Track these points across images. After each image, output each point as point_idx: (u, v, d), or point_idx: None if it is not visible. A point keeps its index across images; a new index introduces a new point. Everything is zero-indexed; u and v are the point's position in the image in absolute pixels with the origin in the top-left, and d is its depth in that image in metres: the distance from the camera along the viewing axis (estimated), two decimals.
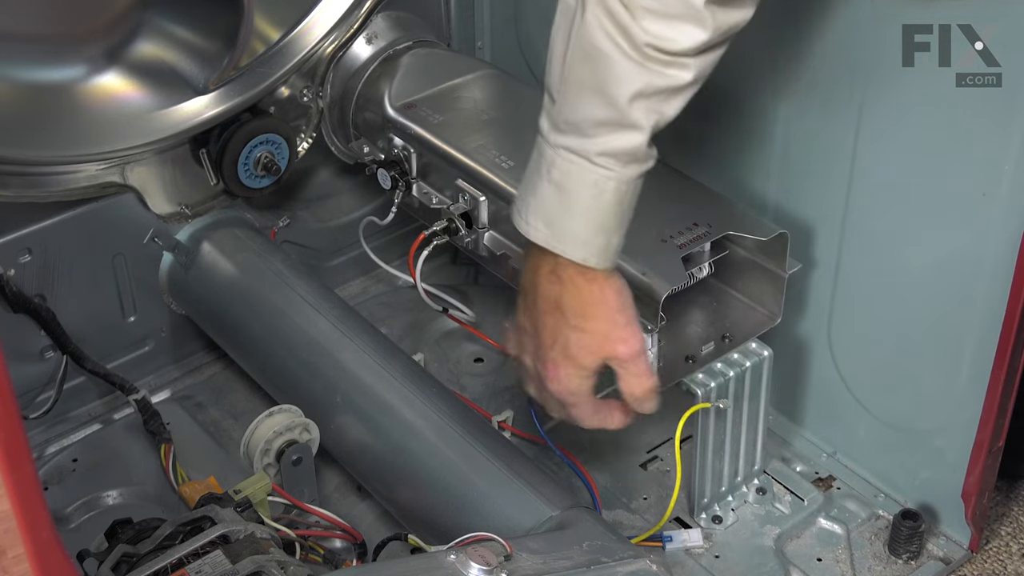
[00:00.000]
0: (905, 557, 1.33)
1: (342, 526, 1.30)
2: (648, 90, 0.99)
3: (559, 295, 1.09)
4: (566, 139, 1.03)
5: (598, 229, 1.05)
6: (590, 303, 1.08)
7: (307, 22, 1.47)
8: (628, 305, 1.10)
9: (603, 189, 1.03)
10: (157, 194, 1.46)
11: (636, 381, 1.12)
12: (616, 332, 1.10)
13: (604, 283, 1.08)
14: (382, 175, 1.46)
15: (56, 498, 1.35)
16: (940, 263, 1.22)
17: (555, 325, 1.10)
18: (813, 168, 1.30)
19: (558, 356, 1.11)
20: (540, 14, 1.57)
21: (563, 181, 1.04)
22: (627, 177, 1.03)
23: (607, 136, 1.01)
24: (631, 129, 1.01)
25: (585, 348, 1.10)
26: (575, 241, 1.05)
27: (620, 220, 1.06)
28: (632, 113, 1.00)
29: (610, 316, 1.09)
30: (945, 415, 1.28)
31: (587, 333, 1.09)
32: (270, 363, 1.43)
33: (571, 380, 1.12)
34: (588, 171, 1.03)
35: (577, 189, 1.03)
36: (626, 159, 1.02)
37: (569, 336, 1.10)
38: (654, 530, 1.32)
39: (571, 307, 1.09)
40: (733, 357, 1.29)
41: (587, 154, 1.02)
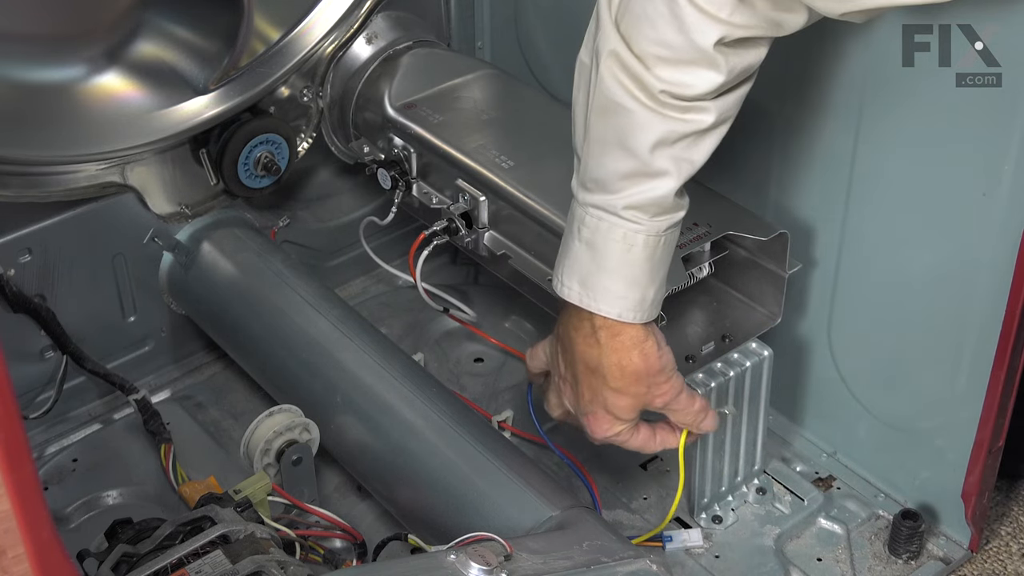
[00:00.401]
0: (905, 557, 1.33)
1: (342, 526, 1.30)
2: (670, 137, 0.99)
3: (598, 359, 1.09)
4: (593, 197, 1.03)
5: (631, 284, 1.05)
6: (631, 371, 1.09)
7: (307, 22, 1.47)
8: (667, 362, 1.11)
9: (632, 243, 1.03)
10: (157, 194, 1.46)
11: (682, 415, 1.15)
12: (656, 389, 1.11)
13: (643, 346, 1.08)
14: (382, 175, 1.46)
15: (56, 498, 1.35)
16: (940, 263, 1.22)
17: (595, 386, 1.11)
18: (813, 168, 1.30)
19: (599, 410, 1.13)
20: (540, 14, 1.57)
21: (592, 238, 1.04)
22: (656, 229, 1.03)
23: (633, 188, 1.01)
24: (656, 178, 1.01)
25: (624, 407, 1.12)
26: (609, 297, 1.06)
27: (653, 273, 1.06)
28: (655, 162, 1.00)
29: (649, 378, 1.10)
30: (945, 415, 1.28)
31: (625, 395, 1.11)
32: (270, 363, 1.43)
33: (612, 429, 1.14)
34: (616, 226, 1.03)
35: (606, 245, 1.04)
36: (654, 211, 1.02)
37: (608, 397, 1.11)
38: (656, 531, 1.32)
39: (612, 373, 1.09)
40: (733, 357, 1.29)
41: (614, 209, 1.02)
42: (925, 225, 1.22)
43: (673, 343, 1.26)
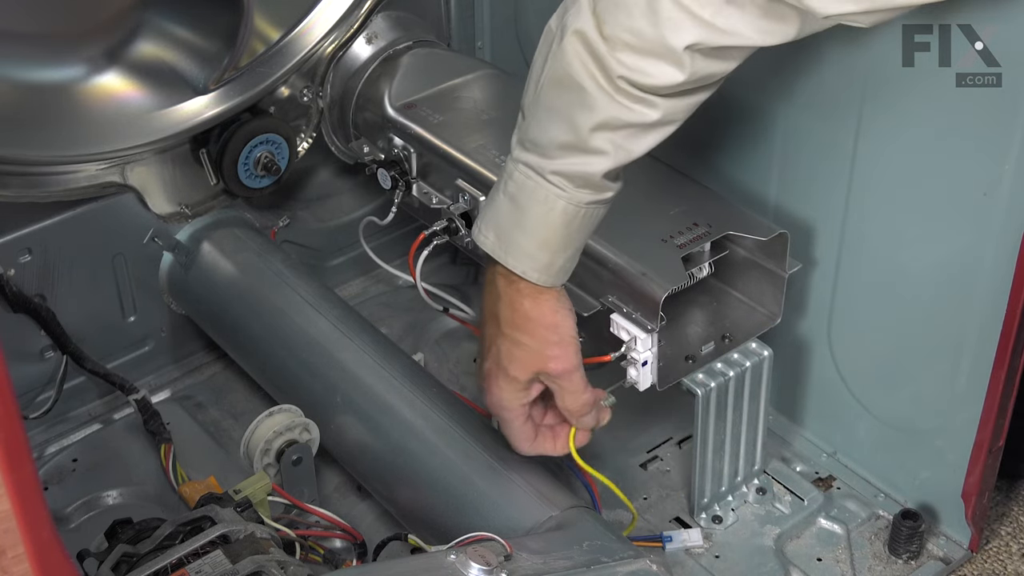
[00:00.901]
0: (905, 557, 1.33)
1: (342, 526, 1.30)
2: (613, 123, 1.01)
3: (495, 305, 1.11)
4: (527, 155, 1.05)
5: (542, 245, 1.07)
6: (521, 316, 1.09)
7: (307, 22, 1.47)
8: (565, 324, 1.11)
9: (552, 207, 1.05)
10: (157, 194, 1.46)
11: (571, 397, 1.13)
12: (548, 349, 1.10)
13: (539, 298, 1.09)
14: (382, 175, 1.46)
15: (56, 498, 1.35)
16: (940, 263, 1.22)
17: (492, 335, 1.12)
18: (813, 168, 1.30)
19: (492, 366, 1.12)
20: (540, 14, 1.56)
21: (517, 194, 1.06)
22: (578, 200, 1.05)
23: (566, 159, 1.03)
24: (591, 155, 1.02)
25: (517, 360, 1.11)
26: (519, 253, 1.07)
27: (566, 242, 1.07)
28: (593, 141, 1.01)
29: (541, 332, 1.10)
30: (945, 415, 1.28)
31: (519, 346, 1.10)
32: (270, 363, 1.43)
33: (503, 392, 1.12)
34: (541, 187, 1.04)
35: (528, 204, 1.05)
36: (579, 183, 1.04)
37: (502, 346, 1.11)
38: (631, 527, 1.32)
39: (505, 318, 1.10)
40: (733, 357, 1.29)
41: (542, 171, 1.04)
42: (925, 225, 1.22)
43: (673, 343, 1.27)
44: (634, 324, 1.20)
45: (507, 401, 1.13)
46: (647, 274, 1.19)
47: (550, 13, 1.03)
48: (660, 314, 1.18)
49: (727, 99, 1.33)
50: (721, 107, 1.34)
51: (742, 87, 1.31)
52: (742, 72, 1.06)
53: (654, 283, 1.18)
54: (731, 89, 1.21)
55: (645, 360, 1.20)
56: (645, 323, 1.19)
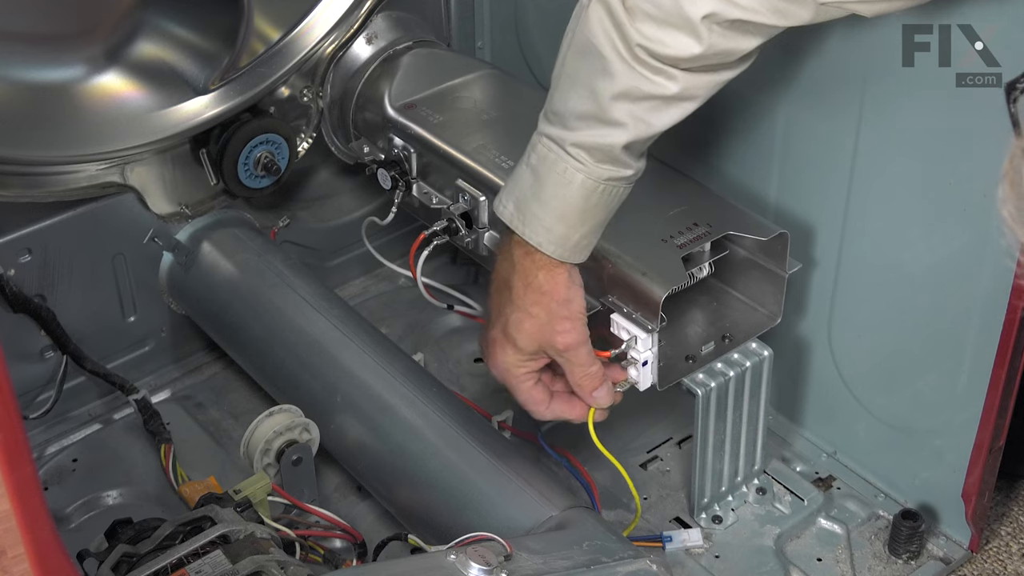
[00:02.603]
0: (905, 557, 1.33)
1: (342, 526, 1.30)
2: (634, 93, 1.01)
3: (509, 275, 1.12)
4: (550, 128, 1.06)
5: (559, 218, 1.07)
6: (535, 288, 1.11)
7: (307, 22, 1.47)
8: (576, 299, 1.12)
9: (570, 180, 1.05)
10: (157, 194, 1.46)
11: (579, 370, 1.14)
12: (557, 323, 1.12)
13: (553, 271, 1.10)
14: (382, 175, 1.46)
15: (56, 498, 1.35)
16: (940, 263, 1.22)
17: (501, 303, 1.13)
18: (813, 168, 1.30)
19: (499, 334, 1.14)
20: (540, 14, 1.57)
21: (538, 166, 1.07)
22: (597, 175, 1.05)
23: (586, 130, 1.03)
24: (610, 126, 1.03)
25: (524, 331, 1.12)
26: (536, 225, 1.08)
27: (584, 217, 1.07)
28: (613, 111, 1.02)
29: (552, 306, 1.11)
30: (945, 415, 1.28)
31: (527, 316, 1.11)
32: (270, 363, 1.43)
33: (508, 359, 1.14)
34: (561, 159, 1.05)
35: (547, 175, 1.06)
36: (599, 156, 1.04)
37: (510, 316, 1.12)
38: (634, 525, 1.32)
39: (517, 289, 1.11)
40: (733, 357, 1.29)
41: (563, 143, 1.05)
42: (925, 225, 1.22)
43: (673, 343, 1.27)
44: (634, 324, 1.20)
45: (512, 367, 1.15)
46: (647, 274, 1.19)
47: (550, 13, 1.04)
48: (660, 314, 1.18)
49: (727, 99, 1.33)
50: (721, 107, 1.34)
51: (743, 87, 1.31)
52: (743, 72, 1.06)
53: (654, 283, 1.18)
54: (732, 89, 1.21)
55: (645, 360, 1.20)
56: (645, 323, 1.19)
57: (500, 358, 1.15)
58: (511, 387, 1.17)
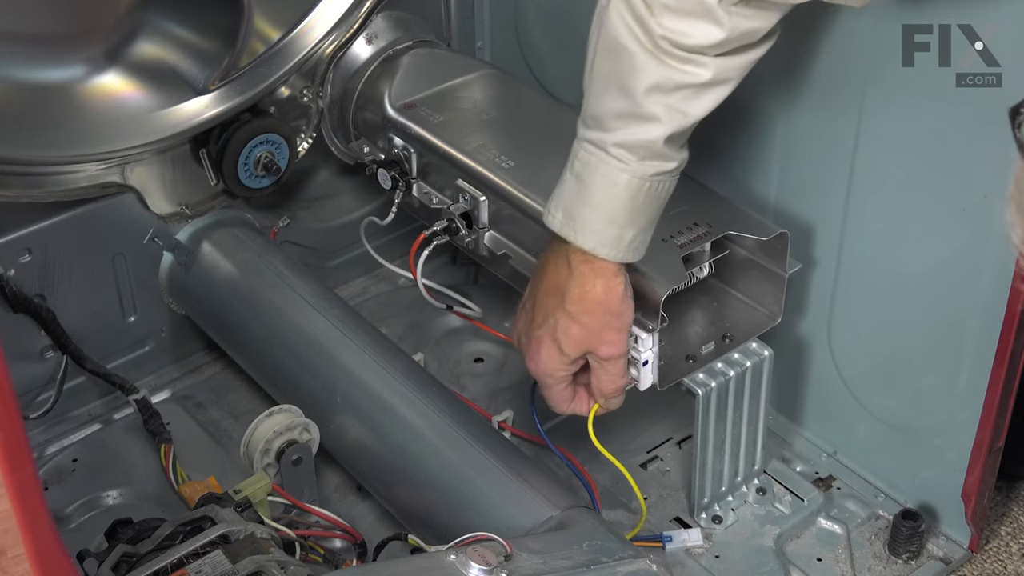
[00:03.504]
0: (905, 557, 1.33)
1: (342, 526, 1.30)
2: (666, 85, 1.01)
3: (564, 281, 1.11)
4: (590, 133, 1.06)
5: (610, 220, 1.07)
6: (591, 297, 1.10)
7: (307, 22, 1.47)
8: (627, 313, 1.13)
9: (615, 181, 1.05)
10: (157, 194, 1.46)
11: (609, 379, 1.16)
12: (606, 333, 1.12)
13: (611, 281, 1.10)
14: (382, 175, 1.46)
15: (56, 498, 1.35)
16: (940, 263, 1.22)
17: (551, 307, 1.13)
18: (813, 168, 1.30)
19: (544, 336, 1.14)
20: (540, 14, 1.57)
21: (582, 172, 1.07)
22: (642, 172, 1.05)
23: (624, 129, 1.03)
24: (647, 122, 1.02)
25: (572, 337, 1.13)
26: (587, 230, 1.08)
27: (634, 215, 1.07)
28: (648, 106, 1.02)
29: (605, 316, 1.11)
30: (945, 415, 1.28)
31: (578, 324, 1.12)
32: (270, 363, 1.43)
33: (550, 362, 1.15)
34: (604, 162, 1.05)
35: (592, 179, 1.06)
36: (642, 153, 1.04)
37: (560, 320, 1.12)
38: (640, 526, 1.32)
39: (572, 295, 1.11)
40: (733, 357, 1.29)
41: (604, 145, 1.04)
42: (925, 226, 1.22)
43: (673, 343, 1.27)
44: (634, 324, 1.19)
45: (553, 370, 1.16)
46: (647, 274, 1.19)
47: (550, 13, 1.04)
48: (661, 314, 1.18)
49: (728, 99, 1.33)
50: (722, 107, 1.33)
51: (743, 87, 1.31)
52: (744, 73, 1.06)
53: (654, 283, 1.18)
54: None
55: (646, 360, 1.20)
56: (646, 323, 1.19)
57: (544, 359, 1.15)
58: (545, 385, 1.18)
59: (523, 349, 1.17)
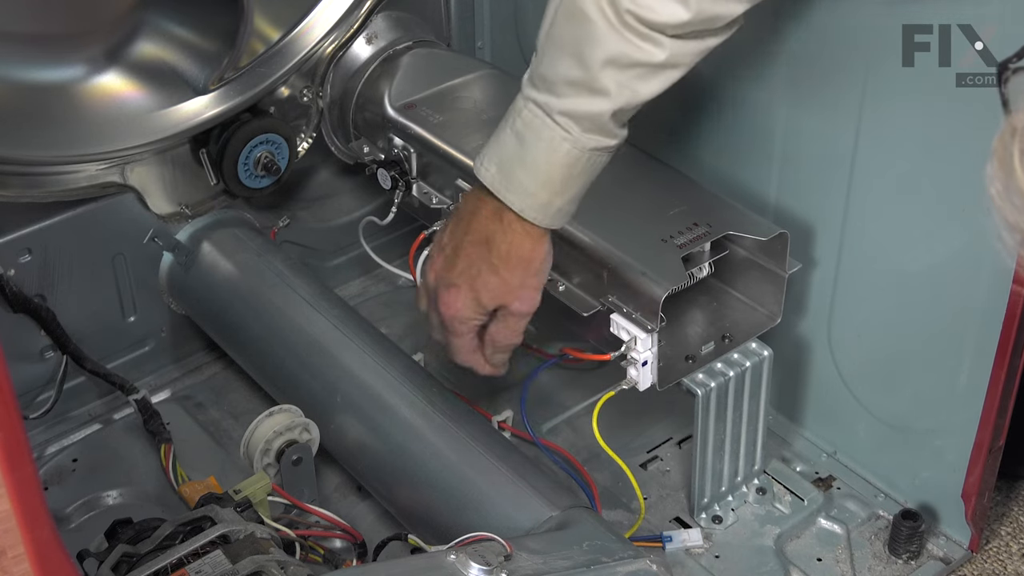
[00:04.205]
0: (905, 557, 1.33)
1: (342, 526, 1.30)
2: (622, 60, 1.01)
3: (493, 233, 1.13)
4: (537, 94, 1.06)
5: (543, 185, 1.08)
6: (516, 253, 1.13)
7: (307, 22, 1.47)
8: (545, 270, 1.15)
9: (556, 148, 1.06)
10: (157, 194, 1.46)
11: (507, 333, 1.19)
12: (523, 290, 1.15)
13: (538, 241, 1.12)
14: (382, 175, 1.46)
15: (56, 498, 1.35)
16: (940, 263, 1.22)
17: (476, 255, 1.14)
18: (813, 168, 1.30)
19: (463, 283, 1.16)
20: (540, 14, 1.56)
21: (523, 132, 1.07)
22: (583, 144, 1.05)
23: (574, 98, 1.04)
24: (598, 95, 1.03)
25: (490, 289, 1.15)
26: (520, 190, 1.09)
27: (567, 184, 1.08)
28: (601, 79, 1.02)
29: (525, 274, 1.14)
30: (945, 415, 1.28)
31: (499, 277, 1.14)
32: (270, 363, 1.43)
33: (464, 310, 1.17)
34: (547, 127, 1.05)
35: (533, 142, 1.07)
36: (586, 125, 1.04)
37: (482, 271, 1.14)
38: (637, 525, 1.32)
39: (499, 249, 1.13)
40: (733, 357, 1.28)
41: (550, 110, 1.05)
42: (925, 226, 1.22)
43: (673, 343, 1.27)
44: (634, 324, 1.20)
45: (465, 318, 1.18)
46: (647, 274, 1.19)
47: None
48: (660, 314, 1.18)
49: (727, 98, 1.33)
50: (721, 106, 1.34)
51: (742, 86, 1.31)
52: (742, 71, 1.06)
53: (654, 283, 1.18)
54: (731, 88, 1.21)
55: (645, 360, 1.20)
56: (645, 323, 1.19)
57: (456, 304, 1.17)
58: (454, 332, 1.20)
59: (437, 293, 1.18)
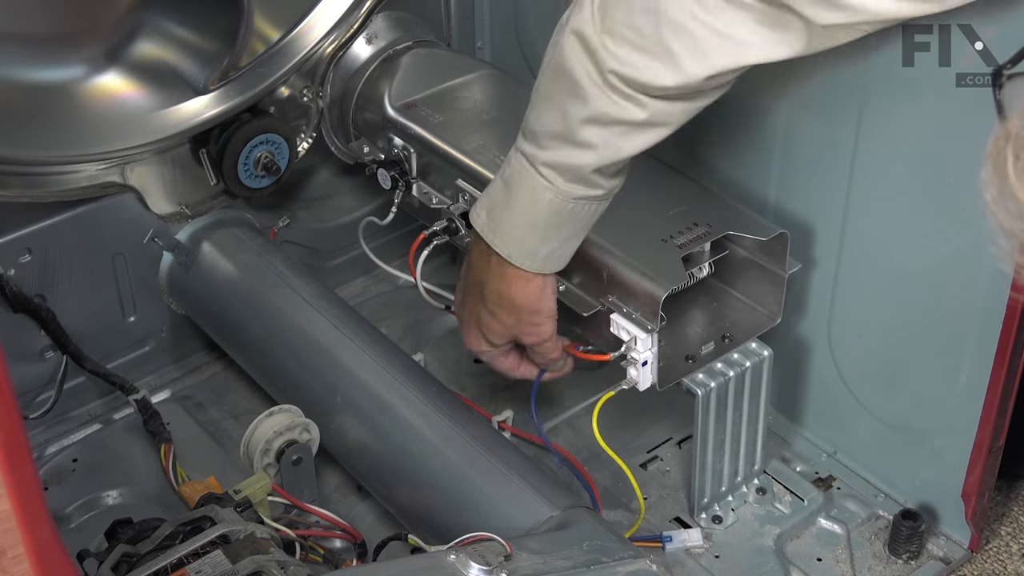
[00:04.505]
0: (905, 557, 1.33)
1: (342, 526, 1.30)
2: (603, 118, 1.03)
3: (484, 276, 1.17)
4: (525, 145, 1.09)
5: (528, 231, 1.11)
6: (507, 297, 1.16)
7: (307, 22, 1.47)
8: (546, 306, 1.18)
9: (539, 198, 1.08)
10: (157, 194, 1.46)
11: (541, 356, 1.25)
12: (525, 327, 1.19)
13: (528, 284, 1.15)
14: (382, 175, 1.46)
15: (56, 498, 1.35)
16: (940, 263, 1.22)
17: (473, 304, 1.22)
18: (813, 168, 1.30)
19: (470, 322, 1.22)
20: (540, 14, 1.57)
21: (511, 179, 1.10)
22: (567, 194, 1.08)
23: (557, 151, 1.06)
24: (580, 148, 1.05)
25: (494, 330, 1.20)
26: (506, 237, 1.12)
27: (553, 232, 1.11)
28: (582, 134, 1.04)
29: (524, 315, 1.18)
30: (945, 415, 1.28)
31: (498, 320, 1.19)
32: (270, 363, 1.43)
33: (480, 345, 1.25)
34: (531, 176, 1.08)
35: (519, 191, 1.10)
36: (569, 176, 1.07)
37: (481, 313, 1.20)
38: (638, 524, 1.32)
39: (491, 293, 1.17)
40: (733, 357, 1.29)
41: (534, 161, 1.08)
42: (925, 225, 1.22)
43: (673, 343, 1.27)
44: (634, 324, 1.20)
45: (483, 350, 1.26)
46: (647, 274, 1.19)
47: (550, 13, 1.04)
48: (660, 314, 1.18)
49: (728, 99, 1.33)
50: (721, 107, 1.33)
51: (742, 87, 1.31)
52: (743, 72, 1.06)
53: (654, 283, 1.18)
54: (732, 90, 1.21)
55: (645, 360, 1.20)
56: (645, 323, 1.19)
57: (472, 342, 1.25)
58: (485, 360, 1.27)
59: (460, 325, 1.26)
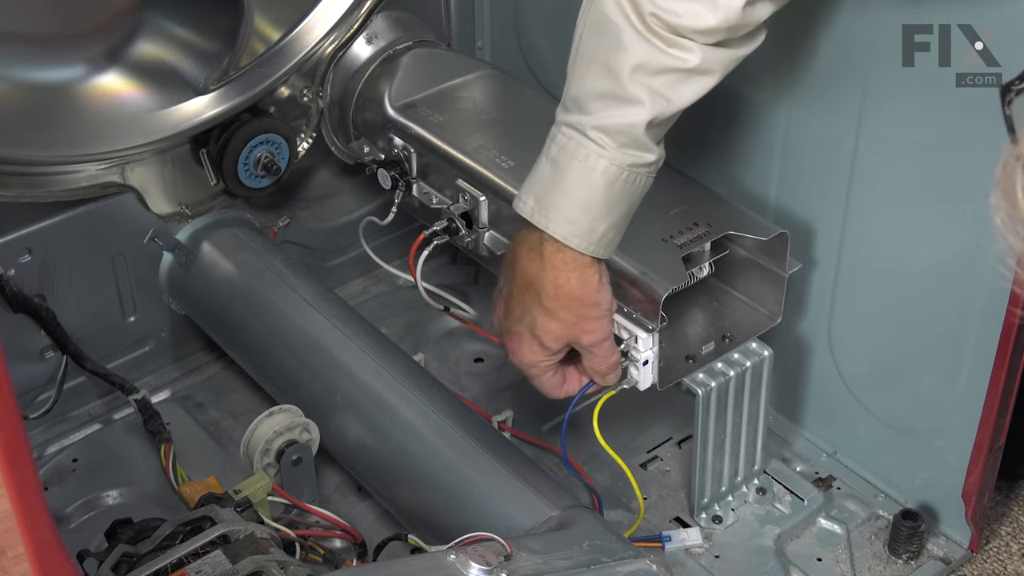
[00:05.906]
0: (905, 557, 1.33)
1: (342, 526, 1.30)
2: (652, 66, 0.99)
3: (538, 274, 1.08)
4: (569, 116, 1.03)
5: (583, 208, 1.03)
6: (566, 292, 1.07)
7: (307, 22, 1.47)
8: (605, 299, 1.10)
9: (592, 167, 1.02)
10: (157, 194, 1.46)
11: (599, 360, 1.14)
12: (585, 324, 1.10)
13: (584, 273, 1.07)
14: (382, 175, 1.46)
15: (56, 498, 1.35)
16: (940, 263, 1.22)
17: (528, 303, 1.10)
18: (813, 168, 1.30)
19: (524, 331, 1.11)
20: (540, 14, 1.57)
21: (558, 156, 1.04)
22: (620, 160, 1.02)
23: (605, 111, 1.01)
24: (629, 104, 1.00)
25: (551, 332, 1.10)
26: (559, 217, 1.04)
27: (609, 207, 1.04)
28: (631, 87, 0.99)
29: (582, 309, 1.09)
30: (945, 415, 1.28)
31: (556, 319, 1.09)
32: (270, 363, 1.43)
33: (533, 355, 1.13)
34: (582, 146, 1.02)
35: (569, 164, 1.03)
36: (622, 139, 1.01)
37: (537, 317, 1.10)
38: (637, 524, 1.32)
39: (547, 291, 1.08)
40: (733, 357, 1.29)
41: (583, 128, 1.02)
42: (925, 225, 1.22)
43: (673, 343, 1.27)
44: (634, 324, 1.20)
45: (536, 363, 1.13)
46: (647, 274, 1.19)
47: (550, 13, 1.04)
48: (660, 314, 1.18)
49: (727, 98, 1.33)
50: (721, 107, 1.34)
51: (743, 86, 1.31)
52: (743, 71, 1.06)
53: (654, 283, 1.18)
54: (732, 88, 1.21)
55: (645, 360, 1.20)
56: (645, 323, 1.19)
57: (524, 354, 1.13)
58: (531, 376, 1.16)
59: (505, 342, 1.15)
